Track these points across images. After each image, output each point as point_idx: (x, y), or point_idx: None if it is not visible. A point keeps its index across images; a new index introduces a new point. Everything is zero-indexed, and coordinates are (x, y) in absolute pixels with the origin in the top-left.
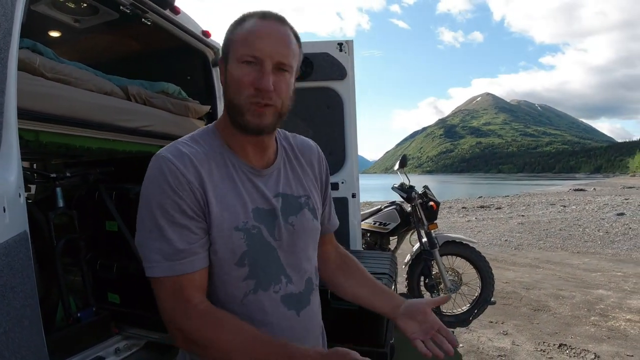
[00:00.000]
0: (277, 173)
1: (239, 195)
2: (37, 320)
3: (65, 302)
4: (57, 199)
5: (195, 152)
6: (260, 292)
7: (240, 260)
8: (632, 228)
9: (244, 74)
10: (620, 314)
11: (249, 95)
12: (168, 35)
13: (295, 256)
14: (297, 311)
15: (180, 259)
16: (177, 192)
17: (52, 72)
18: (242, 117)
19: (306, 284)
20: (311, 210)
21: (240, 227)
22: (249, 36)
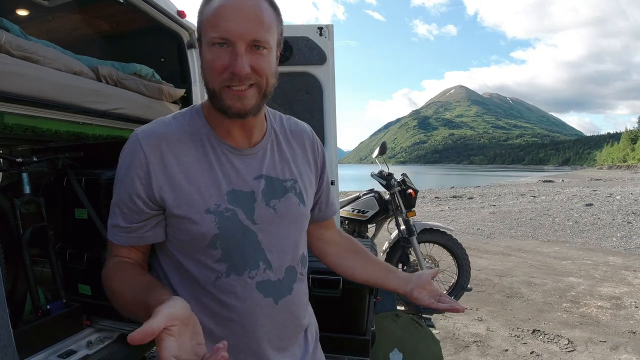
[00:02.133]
0: (262, 154)
1: (214, 177)
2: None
3: (34, 295)
4: (23, 186)
5: (170, 132)
6: (233, 276)
7: (211, 243)
8: (600, 218)
9: (215, 58)
10: (592, 300)
11: (223, 80)
12: (141, 14)
13: (278, 241)
14: (275, 299)
15: (119, 231)
16: (133, 170)
17: (19, 50)
18: (222, 102)
19: (287, 272)
20: (297, 195)
21: (212, 209)
22: (216, 16)
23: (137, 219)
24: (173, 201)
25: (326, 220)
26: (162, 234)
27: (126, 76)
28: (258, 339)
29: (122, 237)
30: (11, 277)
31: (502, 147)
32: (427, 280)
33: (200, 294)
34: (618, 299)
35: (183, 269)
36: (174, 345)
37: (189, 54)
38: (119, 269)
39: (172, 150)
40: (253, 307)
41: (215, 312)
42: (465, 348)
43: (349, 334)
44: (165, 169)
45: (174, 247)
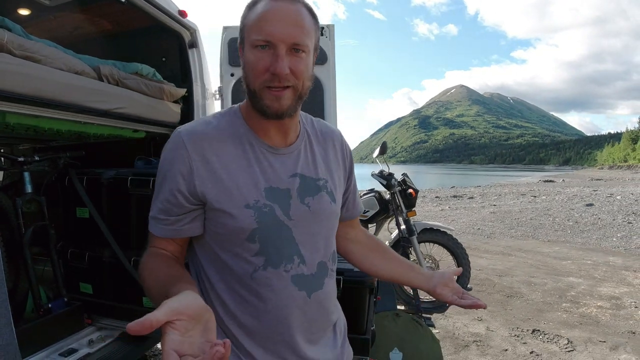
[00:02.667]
0: (297, 153)
1: (252, 174)
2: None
3: (35, 293)
4: (25, 185)
5: (211, 130)
6: (269, 269)
7: (250, 237)
8: (601, 218)
9: (258, 59)
10: (591, 300)
11: (264, 80)
12: (143, 14)
13: (311, 238)
14: (308, 293)
15: (158, 223)
16: (177, 167)
17: (21, 49)
18: (261, 101)
19: (319, 267)
20: (329, 194)
21: (251, 204)
22: (260, 20)
23: (176, 212)
24: (214, 196)
25: (352, 220)
26: (200, 228)
27: (127, 75)
28: (291, 331)
29: (161, 229)
30: (13, 276)
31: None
32: (449, 278)
33: (237, 286)
34: (618, 299)
35: (221, 263)
36: (177, 339)
37: (190, 53)
38: (153, 259)
39: (212, 147)
40: (288, 299)
41: (251, 304)
42: (465, 347)
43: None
44: (207, 164)
45: (212, 241)
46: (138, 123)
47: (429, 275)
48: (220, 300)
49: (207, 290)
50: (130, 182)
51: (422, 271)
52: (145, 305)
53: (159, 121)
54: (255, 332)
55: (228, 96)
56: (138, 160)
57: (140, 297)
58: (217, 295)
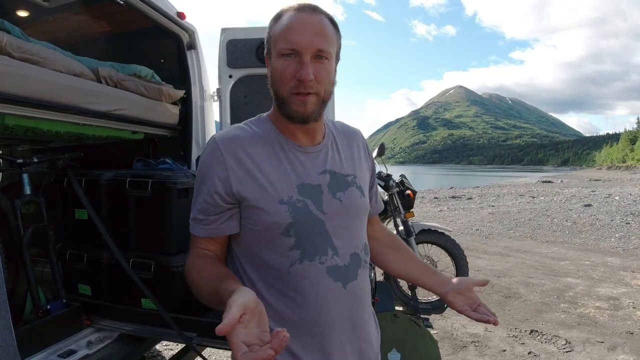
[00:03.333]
0: (325, 152)
1: (285, 172)
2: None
3: (34, 294)
4: (23, 186)
5: (244, 134)
6: (305, 262)
7: (286, 231)
8: (599, 219)
9: (284, 67)
10: (589, 301)
11: (291, 87)
12: (141, 15)
13: (343, 230)
14: (343, 283)
15: (198, 223)
16: (214, 170)
17: (19, 51)
18: (288, 107)
19: (352, 258)
20: (359, 188)
21: (285, 200)
22: (286, 30)
23: (213, 211)
24: (250, 194)
25: (373, 217)
26: (237, 226)
27: (126, 77)
28: (329, 322)
29: (200, 229)
30: (12, 277)
31: (501, 148)
32: (466, 287)
33: (274, 281)
34: (616, 299)
35: (258, 259)
36: (243, 332)
37: (188, 55)
38: (198, 260)
39: (245, 150)
40: (324, 290)
41: (289, 297)
42: (463, 348)
43: None
44: (241, 165)
45: (249, 238)
46: (137, 124)
47: (445, 280)
48: (259, 296)
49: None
50: (129, 184)
51: (439, 275)
52: (144, 306)
53: (158, 122)
54: (295, 326)
55: (226, 98)
56: (137, 161)
57: (139, 298)
58: (256, 292)
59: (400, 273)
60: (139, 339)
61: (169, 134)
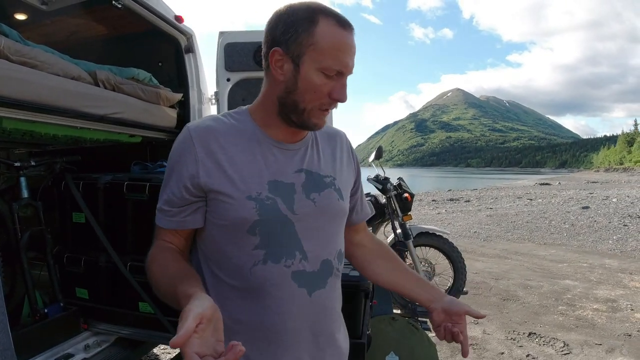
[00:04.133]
0: (304, 150)
1: (257, 167)
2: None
3: (31, 298)
4: (21, 189)
5: (219, 126)
6: (269, 264)
7: (251, 229)
8: (596, 221)
9: (324, 84)
10: (587, 303)
11: (322, 103)
12: (139, 19)
13: (315, 233)
14: (308, 291)
15: (163, 214)
16: (184, 160)
17: (17, 55)
18: (307, 119)
19: (323, 264)
20: (337, 191)
21: (253, 196)
22: (337, 50)
23: (178, 203)
24: (217, 187)
25: (359, 224)
26: (201, 220)
27: (124, 81)
28: (288, 330)
29: (165, 221)
30: (9, 281)
31: (499, 150)
32: (456, 312)
33: (236, 280)
34: (614, 301)
35: (221, 255)
36: (197, 342)
37: (186, 58)
38: (160, 253)
39: (219, 141)
40: (287, 296)
41: (249, 298)
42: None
43: None
44: (212, 156)
45: (214, 233)
46: (134, 128)
47: (434, 296)
48: (220, 294)
49: (207, 284)
50: (126, 187)
51: (429, 289)
52: (142, 310)
53: (155, 126)
54: (252, 329)
55: (224, 101)
56: (134, 165)
57: (137, 302)
58: (217, 290)
59: (391, 285)
60: (137, 343)
61: (166, 137)
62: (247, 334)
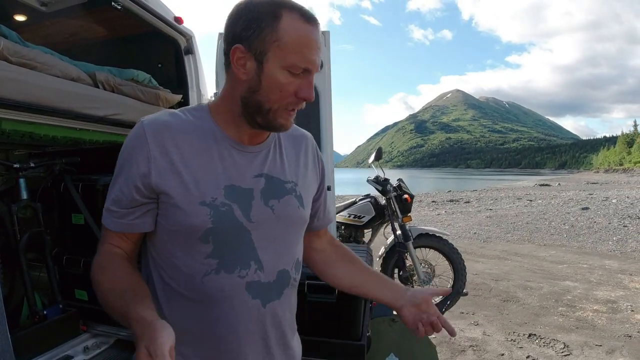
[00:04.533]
0: (265, 153)
1: (213, 170)
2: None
3: (31, 299)
4: (20, 191)
5: (176, 122)
6: (222, 274)
7: (204, 237)
8: (596, 222)
9: (290, 82)
10: (587, 304)
11: (289, 103)
12: (139, 20)
13: (272, 242)
14: (262, 302)
15: (110, 215)
16: (135, 156)
17: (17, 56)
18: (274, 120)
19: (279, 275)
20: (297, 198)
21: (207, 202)
22: (303, 46)
23: (127, 204)
24: (169, 190)
25: (321, 229)
26: (151, 224)
27: (123, 82)
28: (240, 341)
29: (112, 222)
30: (8, 282)
31: (499, 151)
32: (423, 299)
33: (186, 289)
34: (614, 302)
35: (172, 263)
36: None
37: (185, 59)
38: (108, 260)
39: (174, 138)
40: (240, 307)
41: (199, 309)
42: (462, 352)
43: (344, 339)
44: (165, 156)
45: (165, 238)
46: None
47: (399, 293)
48: (170, 303)
49: (157, 292)
50: None
51: (394, 288)
52: None
53: None
54: (203, 339)
55: None
56: None
57: None
58: (165, 299)
59: (354, 288)
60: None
61: None
62: (197, 345)
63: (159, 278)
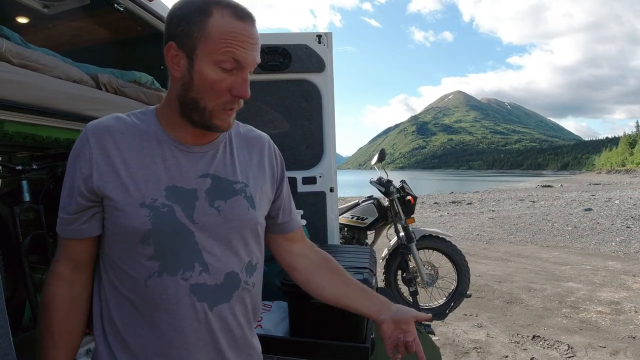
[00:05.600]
0: (213, 153)
1: (154, 171)
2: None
3: (33, 302)
4: (23, 193)
5: (118, 125)
6: (165, 276)
7: (144, 239)
8: (599, 223)
9: (222, 79)
10: (591, 306)
11: (224, 102)
12: (141, 22)
13: (218, 244)
14: (209, 305)
15: (60, 222)
16: (79, 161)
17: (19, 58)
18: (211, 120)
19: (227, 277)
20: (247, 199)
21: (147, 203)
22: (230, 41)
23: (73, 209)
24: (109, 192)
25: (292, 232)
26: (98, 227)
27: (126, 84)
28: (190, 346)
29: (63, 229)
30: (10, 284)
31: (501, 152)
32: (405, 320)
33: (133, 293)
34: (617, 303)
35: (119, 267)
36: None
37: None
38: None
39: (116, 141)
40: (185, 310)
41: (147, 312)
42: (465, 354)
43: (348, 341)
44: (107, 158)
45: (110, 241)
46: None
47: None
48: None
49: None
50: None
51: (376, 300)
52: None
53: None
54: (150, 344)
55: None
56: None
57: None
58: (115, 304)
59: (337, 299)
60: None
61: None
62: (144, 350)
63: (109, 282)
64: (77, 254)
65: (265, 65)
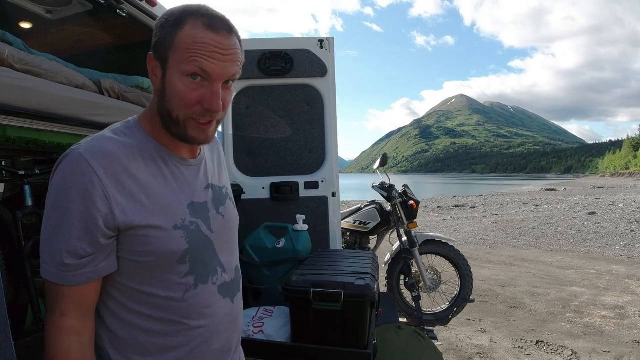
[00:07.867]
0: (204, 164)
1: (173, 191)
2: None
3: (35, 306)
4: (25, 198)
5: (119, 149)
6: (200, 287)
7: (181, 259)
8: (603, 227)
9: (189, 90)
10: (595, 310)
11: (194, 113)
12: (144, 27)
13: (226, 245)
14: (231, 298)
15: (68, 270)
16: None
17: (22, 63)
18: (185, 131)
19: (236, 271)
20: (231, 200)
21: (179, 225)
22: (196, 52)
23: (89, 251)
24: (138, 223)
25: None
26: (115, 262)
27: (128, 89)
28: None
29: (72, 277)
30: (12, 289)
31: (504, 156)
32: None
33: (167, 312)
34: (622, 308)
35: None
36: None
37: None
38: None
39: (126, 169)
40: (219, 309)
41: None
42: None
43: (350, 347)
44: (123, 191)
45: (131, 272)
46: None
47: None
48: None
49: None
50: None
51: None
52: None
53: None
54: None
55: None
56: None
57: None
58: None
59: None
60: None
61: None
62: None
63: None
64: (86, 300)
65: (268, 70)
